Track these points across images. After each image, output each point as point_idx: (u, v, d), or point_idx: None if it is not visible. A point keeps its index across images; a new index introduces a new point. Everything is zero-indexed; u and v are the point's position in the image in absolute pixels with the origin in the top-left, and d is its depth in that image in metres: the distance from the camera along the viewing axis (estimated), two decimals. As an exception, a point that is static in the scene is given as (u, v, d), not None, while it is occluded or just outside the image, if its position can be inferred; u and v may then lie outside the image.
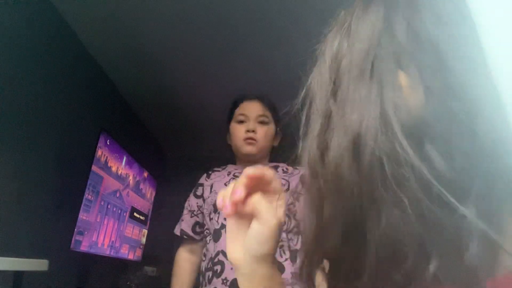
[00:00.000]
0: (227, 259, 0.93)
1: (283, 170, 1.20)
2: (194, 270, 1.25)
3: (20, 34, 1.53)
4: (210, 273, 1.07)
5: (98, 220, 1.84)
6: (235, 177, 1.18)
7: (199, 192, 1.27)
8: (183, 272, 1.25)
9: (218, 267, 1.05)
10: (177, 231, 1.30)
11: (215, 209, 1.16)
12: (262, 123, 1.23)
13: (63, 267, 1.71)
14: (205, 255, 1.16)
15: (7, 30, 1.45)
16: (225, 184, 1.15)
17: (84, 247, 1.71)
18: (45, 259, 1.40)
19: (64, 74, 1.84)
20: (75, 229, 1.62)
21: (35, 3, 1.63)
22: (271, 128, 1.25)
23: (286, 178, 1.15)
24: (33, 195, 1.60)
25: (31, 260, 1.35)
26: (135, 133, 2.85)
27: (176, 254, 1.30)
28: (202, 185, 1.27)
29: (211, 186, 1.23)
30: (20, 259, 1.30)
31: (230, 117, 1.30)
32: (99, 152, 1.80)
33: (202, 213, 1.23)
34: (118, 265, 2.46)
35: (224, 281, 1.02)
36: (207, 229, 1.19)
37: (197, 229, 1.25)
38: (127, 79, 2.39)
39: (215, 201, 1.09)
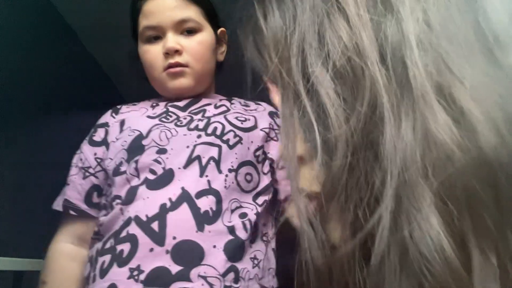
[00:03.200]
0: (143, 231, 0.56)
1: (240, 103, 0.78)
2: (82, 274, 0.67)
3: (21, 34, 1.52)
4: (106, 259, 0.58)
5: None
6: (168, 109, 0.72)
7: (98, 137, 0.73)
8: (65, 279, 0.67)
9: (123, 247, 0.57)
10: (58, 205, 0.73)
11: (131, 155, 0.65)
12: (188, 32, 0.71)
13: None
14: (98, 233, 0.65)
15: (7, 30, 1.44)
16: (149, 117, 0.71)
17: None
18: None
19: (64, 73, 1.84)
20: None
21: (35, 3, 1.62)
22: (206, 35, 0.73)
23: (252, 114, 0.73)
24: (33, 194, 1.60)
25: (31, 260, 1.34)
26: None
27: (50, 247, 0.71)
28: (105, 125, 0.75)
29: (122, 123, 0.72)
30: (20, 259, 1.29)
31: (135, 33, 0.77)
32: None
33: (105, 170, 0.70)
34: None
35: (133, 272, 0.54)
36: (117, 197, 0.64)
37: (95, 198, 0.70)
38: (126, 78, 2.38)
39: (131, 141, 0.65)
